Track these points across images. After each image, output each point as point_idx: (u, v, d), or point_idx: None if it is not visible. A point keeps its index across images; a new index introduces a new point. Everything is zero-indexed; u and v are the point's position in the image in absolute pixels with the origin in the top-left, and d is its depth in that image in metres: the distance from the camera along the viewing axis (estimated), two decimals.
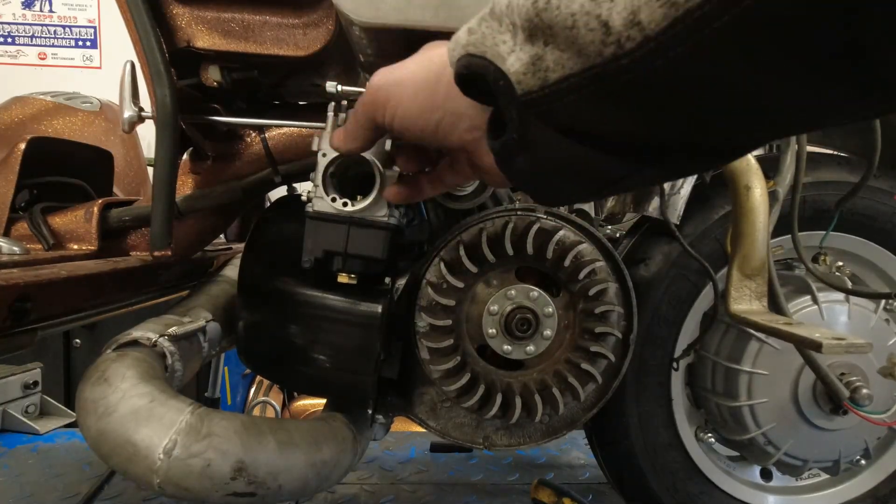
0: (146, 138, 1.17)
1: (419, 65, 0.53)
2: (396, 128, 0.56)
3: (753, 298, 0.92)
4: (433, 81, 0.52)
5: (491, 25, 0.43)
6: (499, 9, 0.42)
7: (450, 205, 0.81)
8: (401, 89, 0.54)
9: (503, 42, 0.41)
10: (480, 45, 0.43)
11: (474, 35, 0.44)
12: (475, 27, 0.44)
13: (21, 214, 0.99)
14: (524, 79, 0.39)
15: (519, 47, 0.40)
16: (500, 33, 0.42)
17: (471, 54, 0.44)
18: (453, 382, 0.79)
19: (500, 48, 0.41)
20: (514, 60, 0.40)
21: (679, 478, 1.08)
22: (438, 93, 0.51)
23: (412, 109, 0.53)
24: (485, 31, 0.43)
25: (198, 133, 0.92)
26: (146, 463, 0.67)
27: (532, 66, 0.39)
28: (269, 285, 0.82)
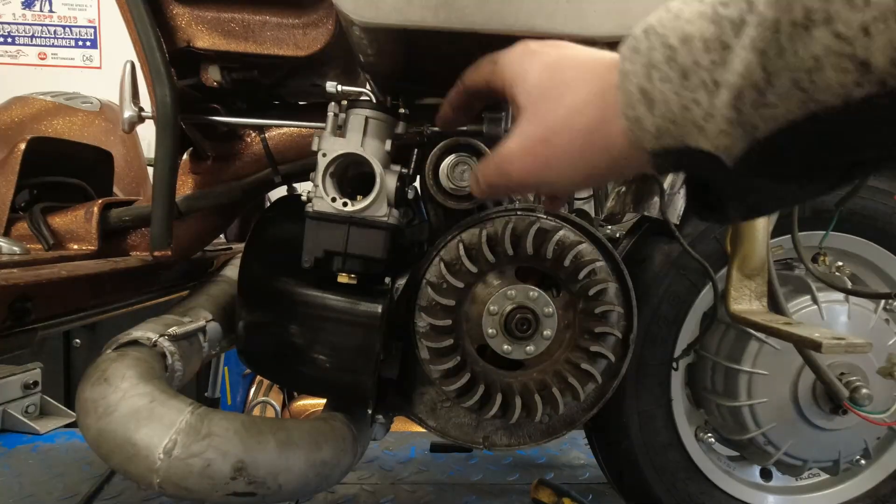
0: (146, 138, 1.17)
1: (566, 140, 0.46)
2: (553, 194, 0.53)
3: (753, 298, 0.92)
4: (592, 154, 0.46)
5: (670, 80, 0.38)
6: (684, 58, 0.38)
7: (450, 205, 0.81)
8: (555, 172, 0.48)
9: (695, 104, 0.37)
10: (672, 125, 0.39)
11: (657, 107, 0.39)
12: (649, 86, 0.39)
13: (21, 214, 0.99)
14: (731, 146, 0.37)
15: (720, 112, 0.36)
16: (689, 91, 0.38)
17: (668, 149, 0.40)
18: (453, 382, 0.79)
19: (693, 113, 0.38)
20: (716, 132, 0.37)
21: (679, 478, 1.08)
22: (602, 160, 0.46)
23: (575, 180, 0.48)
24: (665, 92, 0.39)
25: (198, 133, 0.92)
26: (146, 463, 0.67)
27: (740, 128, 0.36)
28: (269, 285, 0.82)
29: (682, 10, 0.39)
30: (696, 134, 0.38)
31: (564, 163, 0.47)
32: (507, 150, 0.50)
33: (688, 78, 0.38)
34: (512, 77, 0.52)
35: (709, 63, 0.37)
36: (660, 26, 0.40)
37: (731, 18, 0.36)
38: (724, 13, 0.36)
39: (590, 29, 0.63)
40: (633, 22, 0.47)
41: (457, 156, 0.78)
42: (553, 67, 0.49)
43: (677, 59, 0.38)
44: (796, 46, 0.32)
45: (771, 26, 0.33)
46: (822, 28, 0.31)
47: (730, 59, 0.36)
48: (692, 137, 0.38)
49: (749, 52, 0.34)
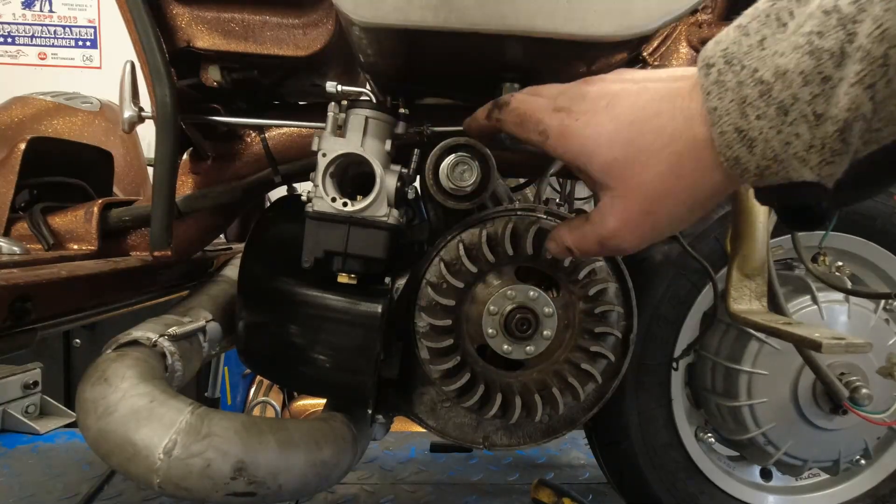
0: (146, 138, 1.17)
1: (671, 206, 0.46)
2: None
3: (753, 298, 0.92)
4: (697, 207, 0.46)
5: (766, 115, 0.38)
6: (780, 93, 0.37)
7: (450, 205, 0.80)
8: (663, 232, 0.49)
9: (795, 137, 0.37)
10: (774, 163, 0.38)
11: (756, 145, 0.38)
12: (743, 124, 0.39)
13: (21, 214, 0.99)
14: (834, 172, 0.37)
15: (822, 141, 0.36)
16: (786, 125, 0.37)
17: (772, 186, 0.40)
18: (453, 382, 0.79)
19: (795, 147, 0.37)
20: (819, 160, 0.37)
21: (679, 478, 1.08)
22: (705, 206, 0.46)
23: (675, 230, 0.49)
24: (763, 129, 0.38)
25: (198, 133, 0.92)
26: (146, 463, 0.67)
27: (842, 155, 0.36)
28: (269, 285, 0.82)
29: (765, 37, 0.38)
30: (799, 167, 0.38)
31: (675, 223, 0.48)
32: (610, 229, 0.50)
33: (787, 113, 0.37)
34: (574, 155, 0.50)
35: (808, 96, 0.36)
36: (745, 56, 0.39)
37: (830, 50, 0.35)
38: (821, 44, 0.35)
39: (590, 29, 0.63)
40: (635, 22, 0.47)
41: (457, 156, 0.78)
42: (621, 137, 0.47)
43: (773, 94, 0.37)
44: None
45: (880, 61, 0.33)
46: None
47: (833, 93, 0.35)
48: (795, 172, 0.38)
49: (857, 87, 0.34)
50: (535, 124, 0.54)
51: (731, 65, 0.40)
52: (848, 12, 0.34)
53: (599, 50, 0.71)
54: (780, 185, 0.40)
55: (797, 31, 0.37)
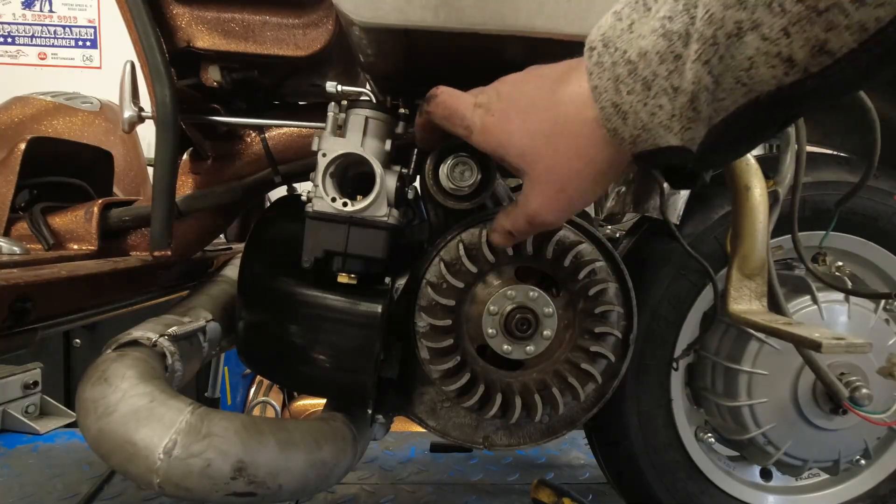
0: (146, 138, 1.17)
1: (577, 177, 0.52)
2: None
3: (753, 298, 0.92)
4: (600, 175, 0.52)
5: (635, 90, 0.44)
6: (643, 71, 0.43)
7: (450, 205, 0.80)
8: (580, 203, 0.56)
9: (659, 108, 0.44)
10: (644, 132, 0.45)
11: (629, 118, 0.45)
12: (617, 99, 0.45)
13: (21, 214, 0.99)
14: (694, 137, 0.43)
15: (681, 113, 0.43)
16: (651, 98, 0.44)
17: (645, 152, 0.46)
18: (453, 382, 0.79)
19: (660, 117, 0.44)
20: (680, 129, 0.44)
21: (679, 478, 1.08)
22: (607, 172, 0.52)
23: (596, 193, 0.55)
24: (633, 103, 0.44)
25: (198, 133, 0.92)
26: (146, 463, 0.67)
27: (698, 122, 0.42)
28: (269, 285, 0.82)
29: (633, 21, 0.45)
30: (665, 133, 0.45)
31: (586, 195, 0.54)
32: (534, 209, 0.57)
33: (650, 87, 0.44)
34: (494, 148, 0.57)
35: (665, 73, 0.43)
36: (617, 39, 0.45)
37: (678, 32, 0.41)
38: (671, 27, 0.42)
39: (590, 29, 0.63)
40: None
41: (456, 156, 0.78)
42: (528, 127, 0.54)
43: (638, 71, 0.44)
44: (733, 52, 0.38)
45: (710, 40, 0.39)
46: (751, 34, 0.37)
47: (683, 69, 0.42)
48: (662, 138, 0.45)
49: (697, 63, 0.40)
50: (459, 119, 0.59)
51: (608, 47, 0.46)
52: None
53: None
54: (652, 150, 0.46)
55: (655, 16, 0.43)
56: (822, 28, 0.34)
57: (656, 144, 0.45)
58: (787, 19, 0.35)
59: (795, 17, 0.35)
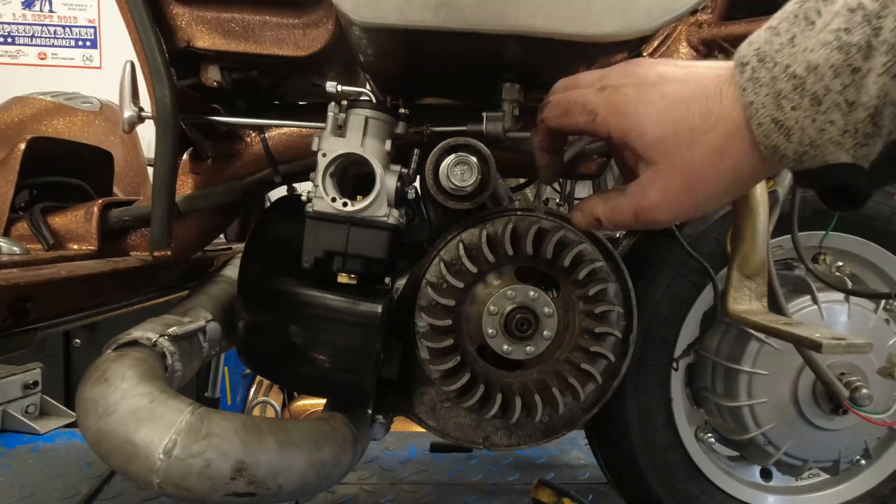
0: (146, 138, 1.17)
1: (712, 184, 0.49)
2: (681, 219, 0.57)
3: (753, 298, 0.92)
4: (738, 185, 0.49)
5: (801, 106, 0.41)
6: (813, 85, 0.40)
7: (450, 205, 0.80)
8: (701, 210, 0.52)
9: (830, 124, 0.41)
10: (811, 149, 0.42)
11: (793, 134, 0.42)
12: (779, 115, 0.42)
13: (21, 214, 0.99)
14: (869, 154, 0.41)
15: (856, 128, 0.40)
16: (820, 114, 0.41)
17: (812, 170, 0.43)
18: (453, 382, 0.79)
19: (830, 133, 0.41)
20: (853, 145, 0.40)
21: (679, 478, 1.08)
22: (744, 185, 0.49)
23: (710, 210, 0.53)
24: (799, 118, 0.42)
25: (198, 133, 0.92)
26: (146, 463, 0.67)
27: (876, 138, 0.40)
28: (269, 285, 0.82)
29: (795, 35, 0.42)
30: (835, 150, 0.41)
31: (712, 201, 0.50)
32: (649, 201, 0.52)
33: (821, 103, 0.40)
34: (624, 131, 0.52)
35: (840, 87, 0.40)
36: (777, 54, 0.42)
37: (857, 44, 0.39)
38: (848, 40, 0.39)
39: (590, 29, 0.63)
40: (635, 22, 0.47)
41: (457, 156, 0.78)
42: (671, 115, 0.49)
43: (806, 86, 0.41)
44: None
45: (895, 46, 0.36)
46: None
47: (863, 83, 0.39)
48: (832, 155, 0.41)
49: (884, 76, 0.38)
50: (581, 107, 0.55)
51: (764, 62, 0.43)
52: (872, 9, 0.38)
53: (599, 50, 0.71)
54: (819, 168, 0.43)
55: (825, 29, 0.40)
56: None
57: (825, 161, 0.42)
58: None
59: None
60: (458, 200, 0.80)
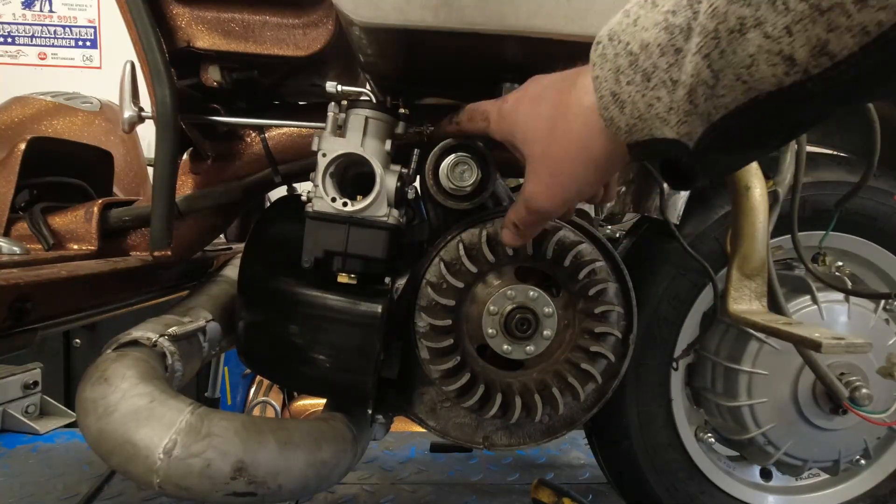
0: (146, 138, 1.17)
1: (571, 164, 0.53)
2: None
3: (753, 298, 0.92)
4: (595, 160, 0.52)
5: (634, 81, 0.45)
6: (644, 63, 0.44)
7: (450, 205, 0.80)
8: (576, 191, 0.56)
9: (657, 100, 0.44)
10: (640, 122, 0.46)
11: (626, 107, 0.46)
12: (616, 88, 0.46)
13: (21, 214, 0.99)
14: (691, 131, 0.43)
15: (678, 106, 0.43)
16: (650, 90, 0.44)
17: (639, 142, 0.47)
18: (453, 382, 0.79)
19: (657, 108, 0.44)
20: (677, 122, 0.44)
21: (679, 478, 1.08)
22: (603, 161, 0.52)
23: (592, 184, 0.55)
24: (631, 93, 0.45)
25: (198, 133, 0.92)
26: (146, 463, 0.67)
27: (696, 117, 0.43)
28: (269, 285, 0.82)
29: (639, 16, 0.45)
30: (661, 125, 0.45)
31: (579, 181, 0.54)
32: (528, 193, 0.58)
33: (649, 79, 0.44)
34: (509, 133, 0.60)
35: (665, 65, 0.43)
36: (622, 33, 0.46)
37: (680, 26, 0.42)
38: (674, 21, 0.42)
39: (590, 28, 0.63)
40: None
41: (457, 156, 0.78)
42: (536, 111, 0.56)
43: (639, 63, 0.44)
44: (735, 48, 0.38)
45: (712, 33, 0.39)
46: (753, 31, 0.37)
47: (683, 62, 0.42)
48: (658, 129, 0.45)
49: (697, 56, 0.41)
50: (480, 114, 0.65)
51: (612, 40, 0.47)
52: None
53: None
54: (647, 140, 0.46)
55: (658, 10, 0.44)
56: (823, 28, 0.34)
57: (651, 135, 0.46)
58: (790, 17, 0.35)
59: (798, 16, 0.35)
60: (458, 200, 0.80)
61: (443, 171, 0.78)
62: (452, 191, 0.79)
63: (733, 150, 0.45)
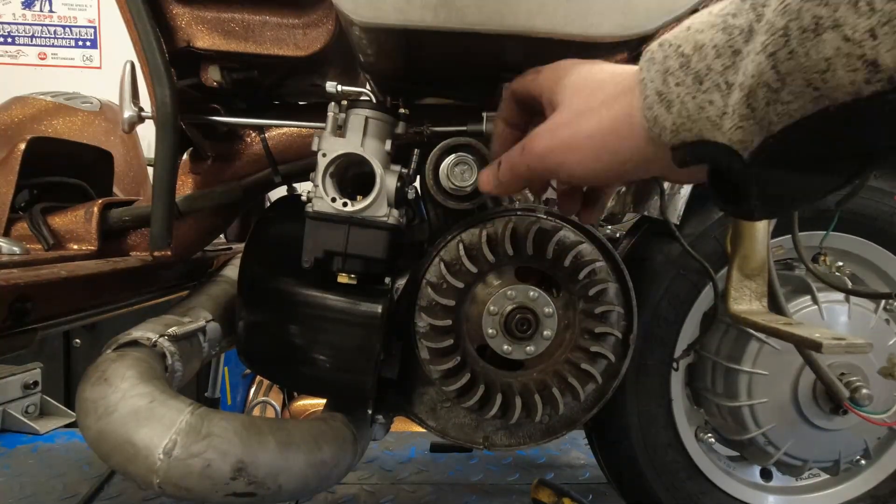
0: (146, 138, 1.17)
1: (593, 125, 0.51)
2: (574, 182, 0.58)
3: (753, 298, 0.92)
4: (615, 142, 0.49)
5: (684, 83, 0.42)
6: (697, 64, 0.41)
7: (450, 205, 0.80)
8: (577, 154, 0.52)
9: (709, 103, 0.41)
10: (688, 121, 0.42)
11: (674, 106, 0.43)
12: (664, 89, 0.43)
13: (21, 214, 0.99)
14: (746, 139, 0.39)
15: (734, 109, 0.40)
16: (702, 92, 0.41)
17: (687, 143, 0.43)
18: (453, 382, 0.79)
19: (709, 111, 0.41)
20: (731, 127, 0.40)
21: (679, 478, 1.08)
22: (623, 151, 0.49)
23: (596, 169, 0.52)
24: (681, 94, 0.42)
25: (198, 133, 0.92)
26: (146, 463, 0.67)
27: (754, 124, 0.39)
28: (269, 285, 0.82)
29: (694, 22, 0.43)
30: (712, 129, 0.41)
31: (586, 148, 0.51)
32: (535, 131, 0.55)
33: (702, 82, 0.41)
34: (551, 82, 0.57)
35: (721, 67, 0.40)
36: (673, 38, 0.44)
37: (740, 27, 0.39)
38: (734, 23, 0.40)
39: (590, 29, 0.63)
40: (634, 22, 0.47)
41: (457, 156, 0.78)
42: (588, 72, 0.54)
43: (691, 65, 0.42)
44: (807, 49, 0.34)
45: (781, 31, 0.35)
46: (831, 32, 0.33)
47: (741, 63, 0.39)
48: (708, 132, 0.41)
49: (760, 55, 0.37)
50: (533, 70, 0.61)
51: (662, 46, 0.45)
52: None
53: (599, 50, 0.71)
54: (694, 142, 0.43)
55: (716, 14, 0.42)
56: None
57: (700, 136, 0.42)
58: (875, 19, 0.31)
59: (886, 17, 0.31)
60: (458, 200, 0.80)
61: (443, 171, 0.78)
62: (452, 191, 0.79)
63: (795, 172, 0.41)
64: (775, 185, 0.42)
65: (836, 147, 0.38)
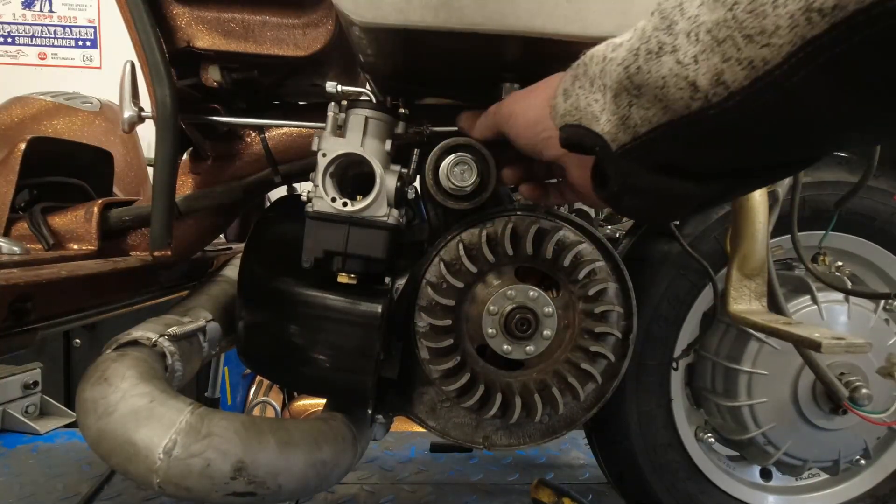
0: (146, 138, 1.17)
1: (537, 98, 0.63)
2: (511, 134, 0.67)
3: (753, 298, 0.92)
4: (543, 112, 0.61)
5: (584, 86, 0.53)
6: (592, 70, 0.52)
7: (450, 205, 0.80)
8: (519, 120, 0.65)
9: (595, 101, 0.51)
10: (575, 111, 0.54)
11: (570, 99, 0.55)
12: (570, 87, 0.55)
13: (21, 214, 0.99)
14: (617, 135, 0.48)
15: (608, 107, 0.49)
16: (592, 93, 0.52)
17: (569, 124, 0.55)
18: (453, 382, 0.79)
19: (593, 107, 0.51)
20: (606, 121, 0.49)
21: (679, 477, 1.08)
22: (545, 120, 0.60)
23: (527, 136, 0.64)
24: (578, 92, 0.53)
25: (198, 133, 0.92)
26: (146, 463, 0.67)
27: (622, 124, 0.47)
28: (269, 285, 0.82)
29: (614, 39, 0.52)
30: (592, 120, 0.51)
31: (521, 117, 0.65)
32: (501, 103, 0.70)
33: (592, 83, 0.52)
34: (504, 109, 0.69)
35: (599, 72, 0.50)
36: (594, 49, 0.53)
37: (615, 43, 0.49)
38: (615, 40, 0.49)
39: (589, 29, 0.63)
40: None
41: (456, 156, 0.78)
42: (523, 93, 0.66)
43: (588, 71, 0.52)
44: (650, 67, 0.43)
45: (634, 51, 0.45)
46: (669, 56, 0.41)
47: (608, 68, 0.49)
48: (587, 122, 0.52)
49: (619, 67, 0.46)
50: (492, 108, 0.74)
51: (584, 55, 0.54)
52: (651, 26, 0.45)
53: None
54: (574, 125, 0.53)
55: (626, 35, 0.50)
56: (720, 58, 0.37)
57: (579, 121, 0.53)
58: (698, 47, 0.38)
59: (705, 46, 0.38)
60: (457, 200, 0.80)
61: (443, 171, 0.78)
62: (452, 191, 0.79)
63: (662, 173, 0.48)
64: (638, 179, 0.50)
65: (696, 158, 0.46)
